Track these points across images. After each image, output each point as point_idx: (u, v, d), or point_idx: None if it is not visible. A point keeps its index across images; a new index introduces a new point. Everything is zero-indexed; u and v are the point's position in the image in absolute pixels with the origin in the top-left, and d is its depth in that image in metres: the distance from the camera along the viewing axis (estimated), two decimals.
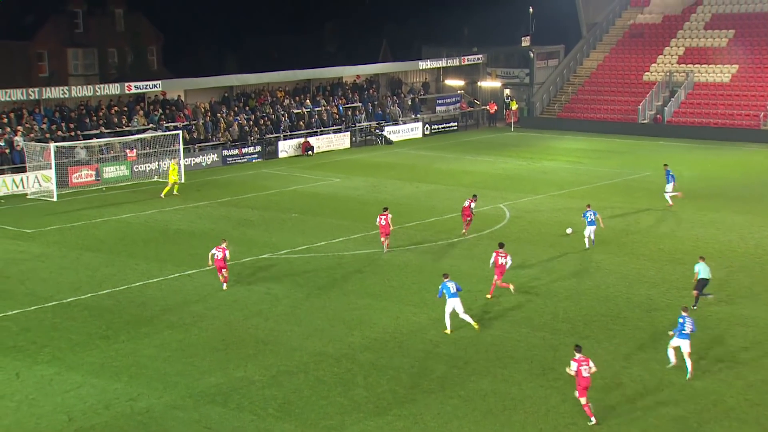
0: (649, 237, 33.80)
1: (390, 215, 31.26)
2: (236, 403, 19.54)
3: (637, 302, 26.23)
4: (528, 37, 69.19)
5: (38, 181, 43.57)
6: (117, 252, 32.20)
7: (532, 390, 20.09)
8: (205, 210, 38.79)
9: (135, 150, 47.69)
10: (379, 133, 59.64)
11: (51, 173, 42.84)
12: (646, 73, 66.44)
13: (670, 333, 21.30)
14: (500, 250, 26.12)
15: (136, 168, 47.60)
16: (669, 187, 38.35)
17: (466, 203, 33.47)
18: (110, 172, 46.38)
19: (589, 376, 18.19)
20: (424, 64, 66.41)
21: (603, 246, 32.16)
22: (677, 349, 20.82)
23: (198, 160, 51.09)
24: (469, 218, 33.40)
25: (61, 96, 48.89)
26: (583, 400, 18.28)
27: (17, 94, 47.09)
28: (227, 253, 27.10)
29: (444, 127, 64.27)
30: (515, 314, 25.11)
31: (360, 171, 48.96)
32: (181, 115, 53.21)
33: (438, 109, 66.15)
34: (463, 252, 31.70)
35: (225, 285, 27.29)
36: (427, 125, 63.12)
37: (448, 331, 23.38)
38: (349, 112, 60.57)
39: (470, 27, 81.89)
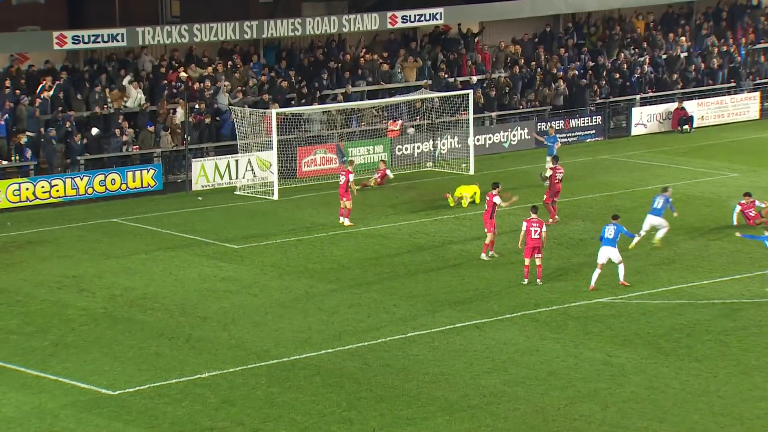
0: None
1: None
2: None
3: None
4: None
5: (251, 168, 46.15)
6: (366, 284, 33.50)
7: None
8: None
9: (401, 121, 49.30)
10: None
11: (271, 156, 45.24)
12: None
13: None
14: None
15: (399, 149, 49.22)
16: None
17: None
18: (360, 154, 48.31)
19: (539, 238, 32.37)
20: None
21: None
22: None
23: (496, 138, 51.95)
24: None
25: (291, 33, 51.51)
26: (526, 261, 32.67)
27: (225, 31, 49.77)
28: (350, 177, 39.26)
29: None
30: None
31: None
32: (472, 63, 54.39)
33: None
34: None
35: (342, 219, 39.62)
36: None
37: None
38: (762, 56, 59.19)
39: None
